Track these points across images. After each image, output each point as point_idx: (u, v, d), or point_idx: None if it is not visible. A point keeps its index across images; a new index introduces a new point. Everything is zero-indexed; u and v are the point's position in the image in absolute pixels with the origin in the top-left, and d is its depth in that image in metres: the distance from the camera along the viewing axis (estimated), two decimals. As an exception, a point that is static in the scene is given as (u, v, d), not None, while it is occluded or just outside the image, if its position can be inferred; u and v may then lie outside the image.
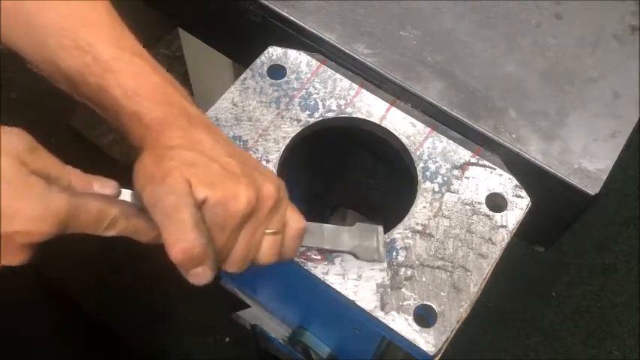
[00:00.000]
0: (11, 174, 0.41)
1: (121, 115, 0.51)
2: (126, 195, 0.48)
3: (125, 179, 0.50)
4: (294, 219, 0.53)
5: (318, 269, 0.60)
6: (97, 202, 0.45)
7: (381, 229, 0.61)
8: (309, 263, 0.61)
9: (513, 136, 0.67)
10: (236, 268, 0.51)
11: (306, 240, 0.55)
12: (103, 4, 0.55)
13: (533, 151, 0.66)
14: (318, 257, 0.61)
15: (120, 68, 0.51)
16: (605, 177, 0.65)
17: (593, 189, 0.64)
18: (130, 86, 0.51)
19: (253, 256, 0.51)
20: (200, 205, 0.46)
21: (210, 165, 0.48)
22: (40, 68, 0.55)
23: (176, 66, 1.83)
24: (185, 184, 0.46)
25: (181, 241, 0.45)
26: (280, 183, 0.52)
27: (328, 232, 0.59)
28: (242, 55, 0.81)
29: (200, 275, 0.47)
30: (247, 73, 0.72)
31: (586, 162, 0.66)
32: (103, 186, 0.48)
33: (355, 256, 0.59)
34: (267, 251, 0.51)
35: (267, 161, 0.66)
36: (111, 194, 0.48)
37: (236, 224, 0.48)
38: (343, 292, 0.59)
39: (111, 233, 0.46)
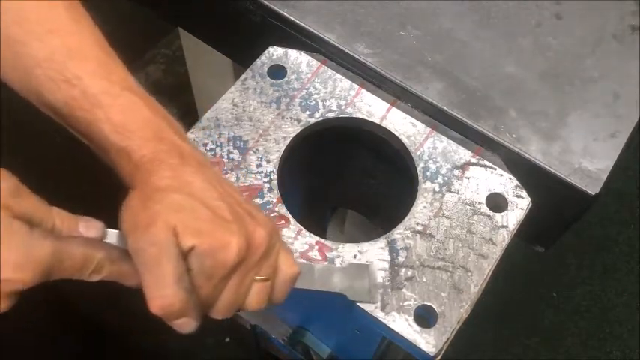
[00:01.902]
0: None
1: (110, 151, 0.49)
2: (112, 236, 0.46)
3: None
4: (287, 264, 0.51)
5: (319, 269, 0.60)
6: (82, 248, 0.43)
7: (372, 267, 0.60)
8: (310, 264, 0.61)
9: (514, 136, 0.67)
10: (221, 316, 0.49)
11: (296, 282, 0.53)
12: (93, 35, 0.52)
13: (534, 151, 0.66)
14: (319, 258, 0.61)
15: (109, 102, 0.49)
16: (605, 177, 0.65)
17: (593, 189, 0.64)
18: (119, 121, 0.48)
19: (240, 303, 0.49)
20: (187, 253, 0.44)
21: (200, 210, 0.46)
22: (28, 99, 0.52)
23: (176, 66, 1.83)
24: (169, 234, 0.43)
25: (160, 296, 0.43)
26: (273, 226, 0.50)
27: (319, 273, 0.57)
28: (242, 55, 0.81)
29: (183, 325, 0.46)
30: (247, 73, 0.72)
31: (586, 162, 0.66)
32: (89, 227, 0.45)
33: (346, 297, 0.58)
34: (255, 297, 0.49)
35: (268, 161, 0.66)
36: (96, 236, 0.45)
37: (224, 274, 0.46)
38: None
39: (96, 278, 0.44)
